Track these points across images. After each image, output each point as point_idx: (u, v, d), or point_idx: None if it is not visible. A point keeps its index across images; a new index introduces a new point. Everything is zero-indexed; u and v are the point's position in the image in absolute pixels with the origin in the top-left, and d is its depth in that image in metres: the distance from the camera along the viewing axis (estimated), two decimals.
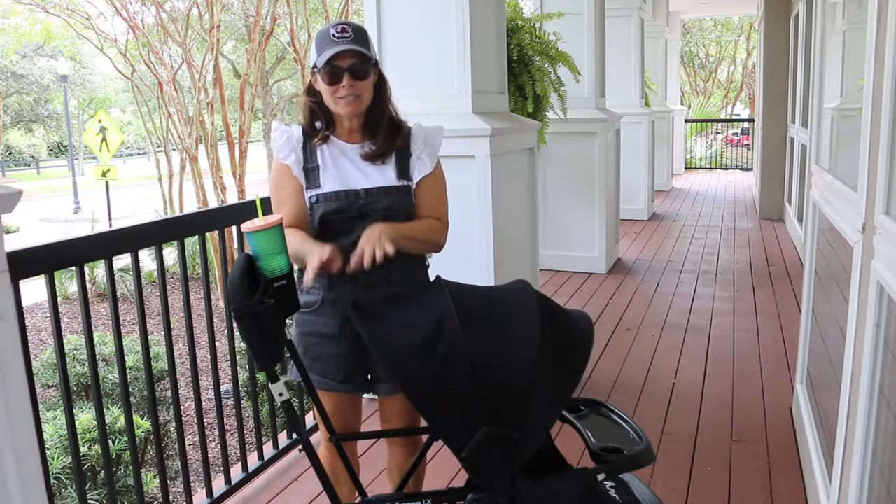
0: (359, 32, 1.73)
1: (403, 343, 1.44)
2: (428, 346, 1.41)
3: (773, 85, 8.08)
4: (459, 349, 1.39)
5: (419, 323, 1.46)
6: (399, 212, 1.78)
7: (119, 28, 12.23)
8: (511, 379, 1.40)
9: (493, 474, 1.40)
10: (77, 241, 2.05)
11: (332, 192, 1.76)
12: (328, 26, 1.75)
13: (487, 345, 1.41)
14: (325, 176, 1.78)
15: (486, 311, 1.48)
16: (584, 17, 5.55)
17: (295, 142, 1.80)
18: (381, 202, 1.77)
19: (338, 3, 11.41)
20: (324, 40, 1.72)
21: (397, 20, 3.08)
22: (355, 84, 1.72)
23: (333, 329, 1.80)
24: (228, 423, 4.98)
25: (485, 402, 1.38)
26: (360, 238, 1.69)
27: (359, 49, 1.70)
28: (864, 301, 1.71)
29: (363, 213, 1.76)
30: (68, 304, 9.48)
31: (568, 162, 5.75)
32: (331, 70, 1.71)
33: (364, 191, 1.77)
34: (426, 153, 1.84)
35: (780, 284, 5.35)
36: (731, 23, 22.82)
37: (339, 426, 1.88)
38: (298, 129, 1.83)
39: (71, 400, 2.04)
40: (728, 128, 18.69)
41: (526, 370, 1.40)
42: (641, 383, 3.54)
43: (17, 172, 30.63)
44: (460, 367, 1.38)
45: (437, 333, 1.42)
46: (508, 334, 1.44)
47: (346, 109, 1.75)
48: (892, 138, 1.54)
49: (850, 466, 1.73)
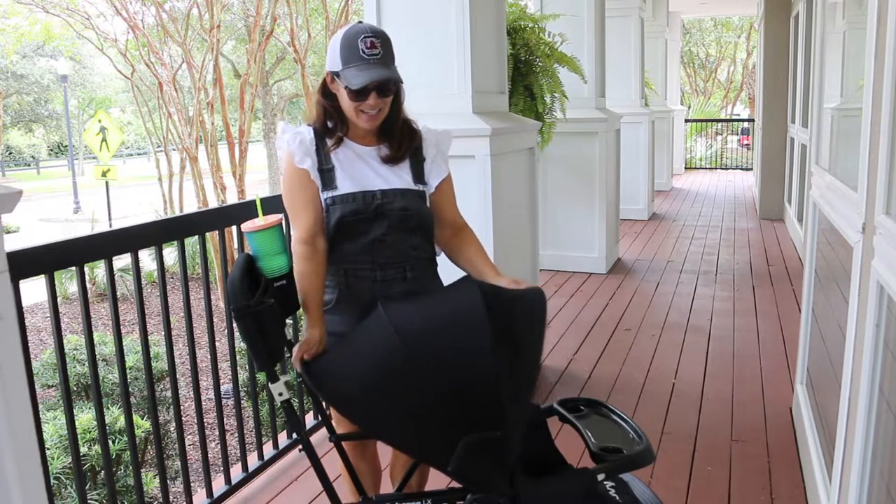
0: (386, 46, 1.71)
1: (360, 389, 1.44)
2: (385, 381, 1.41)
3: (773, 85, 8.08)
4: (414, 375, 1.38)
5: (369, 362, 1.46)
6: (414, 213, 1.79)
7: (119, 28, 12.22)
8: (471, 384, 1.39)
9: (487, 477, 1.40)
10: (77, 241, 2.05)
11: (348, 193, 1.76)
12: (355, 33, 1.70)
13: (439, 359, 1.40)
14: (341, 177, 1.77)
15: (428, 327, 1.46)
16: (584, 18, 5.55)
17: (308, 144, 1.79)
18: (397, 203, 1.77)
19: (338, 4, 11.40)
20: (351, 52, 1.69)
21: (397, 20, 3.08)
22: (378, 101, 1.72)
23: (348, 327, 1.80)
24: (228, 423, 4.98)
25: (455, 415, 1.37)
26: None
27: (387, 71, 1.69)
28: (864, 301, 1.71)
29: (380, 212, 1.76)
30: (68, 304, 9.47)
31: (568, 162, 5.75)
32: (358, 90, 1.69)
33: (381, 192, 1.77)
34: (440, 157, 1.86)
35: (780, 284, 5.35)
36: (731, 23, 22.82)
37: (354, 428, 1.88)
38: (310, 131, 1.81)
39: (71, 400, 2.04)
40: (728, 128, 18.66)
41: (483, 371, 1.38)
42: (641, 383, 3.54)
43: (17, 172, 30.64)
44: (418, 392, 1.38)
45: (388, 366, 1.41)
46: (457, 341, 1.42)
47: (367, 124, 1.76)
48: (892, 138, 1.54)
49: (850, 466, 1.73)
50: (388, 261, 1.78)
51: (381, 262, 1.77)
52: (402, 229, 1.78)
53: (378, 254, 1.77)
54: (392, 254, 1.78)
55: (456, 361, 1.40)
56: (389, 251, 1.77)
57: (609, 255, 5.88)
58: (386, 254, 1.77)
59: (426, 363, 1.38)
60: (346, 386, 1.47)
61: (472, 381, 1.39)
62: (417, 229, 1.81)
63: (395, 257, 1.78)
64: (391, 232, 1.77)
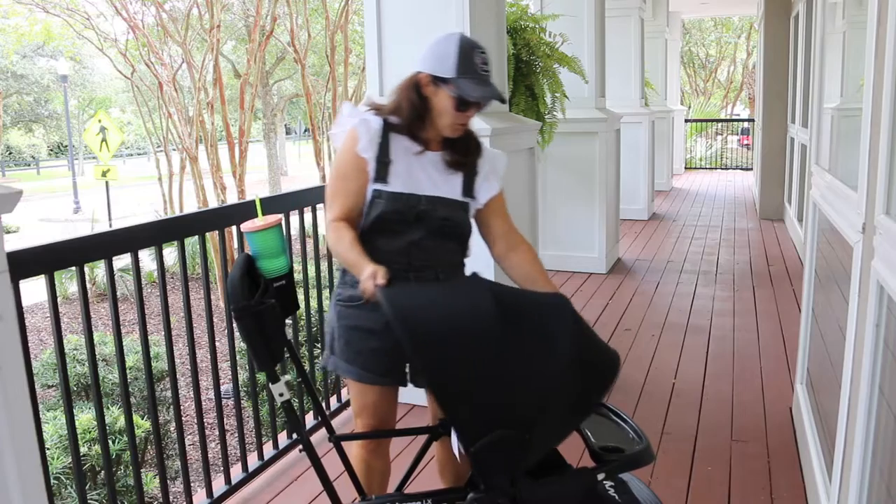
0: (489, 62, 1.78)
1: (439, 330, 1.41)
2: (466, 338, 1.39)
3: (773, 85, 8.08)
4: (495, 345, 1.38)
5: (460, 312, 1.44)
6: (454, 224, 1.80)
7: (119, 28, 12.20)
8: (539, 387, 1.39)
9: (498, 473, 1.40)
10: (77, 241, 2.05)
11: (397, 192, 1.76)
12: (470, 46, 1.74)
13: (523, 348, 1.40)
14: (395, 173, 1.78)
15: (522, 314, 1.46)
16: (584, 18, 5.55)
17: (374, 134, 1.79)
18: (439, 212, 1.78)
19: (338, 4, 11.40)
20: (468, 64, 1.72)
21: (397, 20, 3.08)
22: (474, 115, 1.78)
23: (377, 324, 1.80)
24: (228, 423, 4.98)
25: (507, 402, 1.37)
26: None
27: (494, 90, 1.74)
28: (864, 301, 1.71)
29: (420, 218, 1.77)
30: (68, 304, 9.48)
31: (568, 162, 5.75)
32: (465, 101, 1.73)
33: (426, 197, 1.77)
34: (493, 175, 1.88)
35: (780, 284, 5.35)
36: (731, 23, 22.81)
37: (375, 419, 1.90)
38: (378, 121, 1.81)
39: (71, 400, 2.04)
40: (728, 128, 18.67)
41: (554, 381, 1.40)
42: (641, 383, 3.54)
43: (17, 172, 30.63)
44: (494, 364, 1.37)
45: (474, 325, 1.40)
46: (544, 342, 1.43)
47: (455, 133, 1.79)
48: (892, 138, 1.54)
49: (850, 466, 1.73)
50: (424, 264, 1.79)
51: (417, 265, 1.78)
52: (440, 236, 1.79)
53: (414, 257, 1.78)
54: (427, 257, 1.79)
55: (534, 358, 1.40)
56: (425, 255, 1.79)
57: (609, 255, 5.88)
58: (422, 257, 1.78)
59: (510, 341, 1.39)
60: (428, 323, 1.43)
61: (538, 383, 1.39)
62: (455, 237, 1.83)
63: (430, 261, 1.80)
64: (429, 237, 1.78)
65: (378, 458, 1.96)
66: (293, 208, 2.81)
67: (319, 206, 3.02)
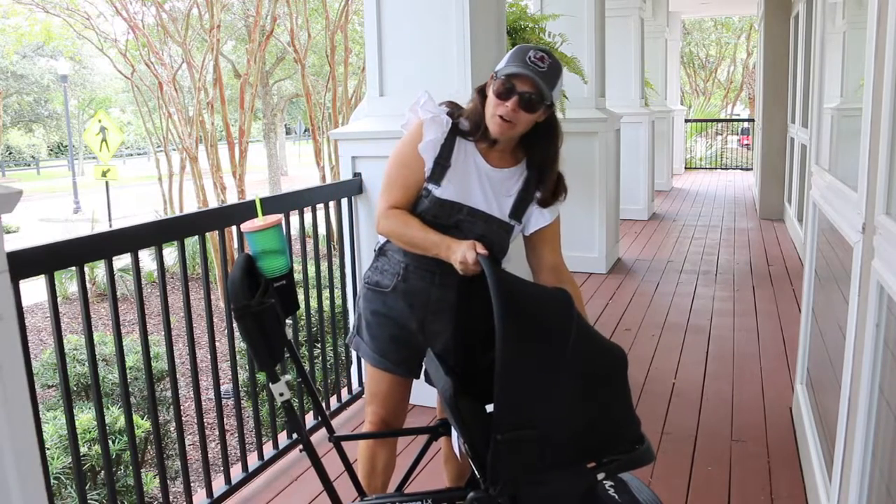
0: (553, 70, 1.68)
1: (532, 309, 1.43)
2: (548, 327, 1.42)
3: (773, 85, 8.08)
4: (565, 347, 1.39)
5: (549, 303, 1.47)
6: (490, 243, 1.74)
7: (119, 28, 12.21)
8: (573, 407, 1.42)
9: (503, 472, 1.40)
10: (77, 241, 2.05)
11: (443, 198, 1.75)
12: (529, 47, 1.70)
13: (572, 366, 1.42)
14: (449, 178, 1.76)
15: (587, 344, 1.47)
16: (584, 18, 5.55)
17: (440, 135, 1.77)
18: (478, 227, 1.76)
19: (338, 4, 11.40)
20: (518, 56, 1.68)
21: (397, 20, 3.08)
22: (518, 111, 1.68)
23: (399, 314, 1.81)
24: (228, 423, 4.98)
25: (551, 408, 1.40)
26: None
27: (540, 83, 1.65)
28: (864, 301, 1.71)
29: (458, 226, 1.75)
30: (68, 304, 9.48)
31: (568, 162, 5.64)
32: (507, 85, 1.67)
33: (469, 209, 1.75)
34: (549, 208, 1.82)
35: (780, 284, 5.35)
36: (731, 23, 22.81)
37: (385, 408, 1.92)
38: (448, 122, 1.78)
39: (71, 400, 2.04)
40: (728, 128, 18.67)
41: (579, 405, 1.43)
42: (641, 383, 3.54)
43: (17, 172, 30.63)
44: (556, 369, 1.39)
45: (558, 320, 1.42)
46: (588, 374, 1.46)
47: (495, 129, 1.71)
48: (892, 138, 1.54)
49: (850, 466, 1.73)
50: (453, 270, 1.75)
51: (445, 268, 1.74)
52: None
53: (444, 263, 1.74)
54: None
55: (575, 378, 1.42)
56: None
57: (609, 255, 5.88)
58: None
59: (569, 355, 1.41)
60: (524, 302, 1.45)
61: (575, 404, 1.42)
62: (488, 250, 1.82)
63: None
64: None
65: (384, 449, 1.97)
66: (293, 208, 2.81)
67: (319, 206, 3.02)
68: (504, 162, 1.80)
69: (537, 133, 1.77)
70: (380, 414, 1.92)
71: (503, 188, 1.79)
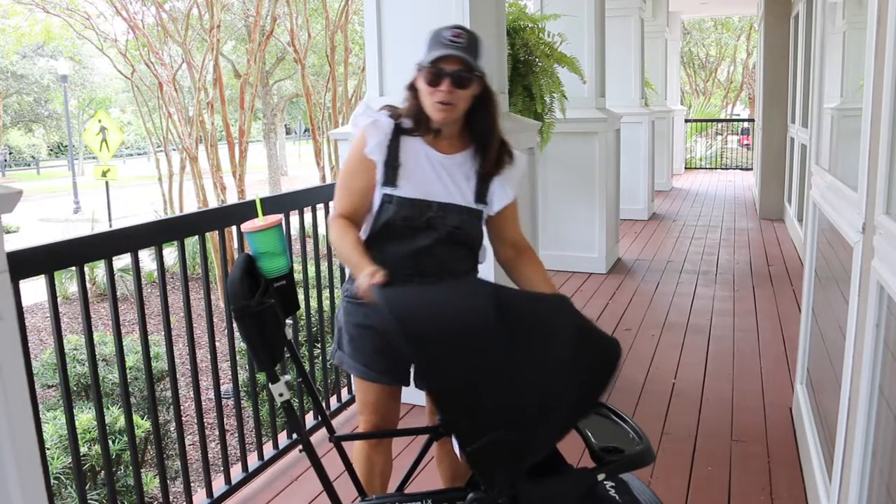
0: (472, 40, 1.71)
1: (436, 329, 1.39)
2: (465, 338, 1.37)
3: (773, 85, 8.08)
4: (493, 346, 1.36)
5: (459, 311, 1.42)
6: (465, 233, 1.78)
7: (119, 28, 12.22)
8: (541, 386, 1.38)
9: (497, 475, 1.40)
10: (77, 241, 2.05)
11: (407, 197, 1.75)
12: (445, 28, 1.72)
13: (523, 347, 1.39)
14: (405, 177, 1.76)
15: (522, 313, 1.45)
16: (583, 18, 5.54)
17: (384, 136, 1.78)
18: (451, 220, 1.76)
19: (338, 4, 11.40)
20: (437, 39, 1.71)
21: (397, 20, 3.08)
22: (454, 92, 1.69)
23: (381, 323, 1.80)
24: (228, 423, 4.98)
25: (506, 402, 1.36)
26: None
27: (465, 57, 1.68)
28: (864, 301, 1.71)
29: (431, 225, 1.75)
30: (68, 304, 9.47)
31: (568, 162, 5.75)
32: (434, 71, 1.69)
33: (437, 204, 1.75)
34: (508, 182, 1.84)
35: (780, 284, 5.35)
36: (731, 23, 22.81)
37: (377, 416, 1.91)
38: (390, 123, 1.79)
39: (71, 400, 2.04)
40: (728, 128, 18.67)
41: (555, 380, 1.38)
42: (641, 383, 3.54)
43: (17, 172, 30.63)
44: (492, 365, 1.36)
45: (472, 324, 1.38)
46: (545, 341, 1.42)
47: (438, 115, 1.72)
48: (892, 138, 1.54)
49: (850, 466, 1.73)
50: (432, 270, 1.77)
51: (424, 272, 1.77)
52: (449, 243, 1.78)
53: (422, 263, 1.77)
54: (436, 264, 1.78)
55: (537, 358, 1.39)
56: (434, 262, 1.78)
57: (609, 255, 5.88)
58: (430, 263, 1.77)
59: (510, 341, 1.37)
60: (426, 323, 1.41)
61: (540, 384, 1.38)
62: (464, 245, 1.82)
63: (438, 267, 1.78)
64: (438, 245, 1.76)
65: (380, 454, 1.97)
66: (293, 208, 2.81)
67: (319, 206, 3.02)
68: (454, 147, 1.81)
69: (475, 108, 1.78)
70: (372, 421, 1.92)
71: (461, 173, 1.80)
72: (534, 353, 1.40)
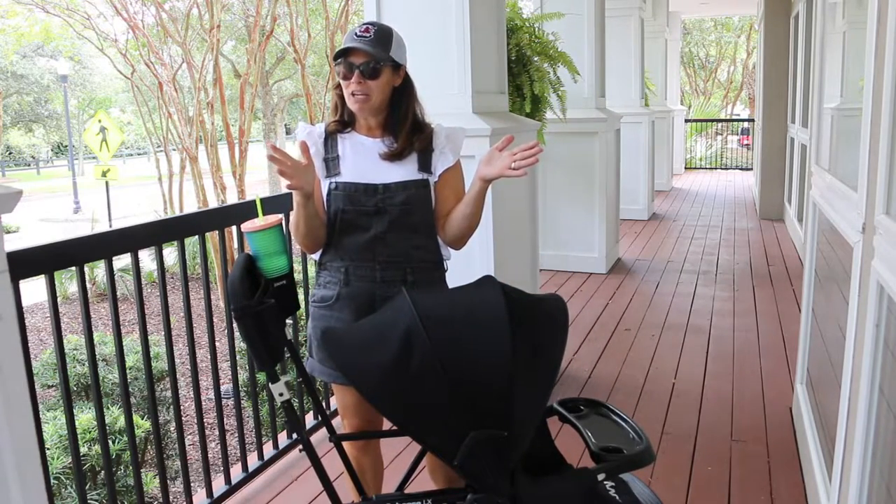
0: (380, 34, 1.77)
1: (374, 366, 1.40)
2: (399, 365, 1.38)
3: (773, 85, 8.08)
4: (431, 361, 1.36)
5: (387, 341, 1.42)
6: (416, 206, 1.81)
7: (119, 28, 12.19)
8: (487, 381, 1.38)
9: (490, 475, 1.40)
10: (77, 241, 2.05)
11: (350, 182, 1.80)
12: (358, 25, 1.80)
13: (457, 350, 1.39)
14: (345, 166, 1.82)
15: (451, 316, 1.45)
16: (583, 17, 5.54)
17: (316, 136, 1.85)
18: (398, 196, 1.79)
19: (338, 4, 11.40)
20: (348, 37, 1.78)
21: (397, 20, 3.08)
22: (364, 83, 1.75)
23: (348, 324, 1.80)
24: (228, 423, 4.98)
25: (466, 408, 1.36)
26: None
27: (369, 50, 1.73)
28: (864, 301, 1.71)
29: (380, 208, 1.78)
30: (68, 304, 9.47)
31: (568, 162, 5.75)
32: (345, 65, 1.76)
33: (382, 186, 1.79)
34: (448, 148, 1.88)
35: (780, 284, 5.35)
36: (731, 23, 22.81)
37: (358, 418, 1.91)
38: (321, 126, 1.89)
39: (71, 400, 2.04)
40: (728, 128, 18.67)
41: (500, 370, 1.38)
42: (641, 383, 3.54)
43: (17, 172, 30.64)
44: (434, 379, 1.36)
45: (406, 349, 1.38)
46: (477, 336, 1.41)
47: (354, 106, 1.79)
48: (892, 138, 1.54)
49: (850, 466, 1.73)
50: (389, 259, 1.79)
51: (382, 261, 1.79)
52: (404, 227, 1.79)
53: (379, 251, 1.78)
54: (393, 252, 1.79)
55: (473, 356, 1.39)
56: (390, 249, 1.79)
57: (609, 255, 5.88)
58: (387, 252, 1.78)
59: (443, 351, 1.37)
60: (360, 357, 1.44)
61: (486, 378, 1.38)
62: (420, 227, 1.82)
63: (396, 256, 1.79)
64: (392, 229, 1.78)
65: (367, 456, 1.97)
66: (293, 208, 2.80)
67: None
68: (381, 132, 1.87)
69: (397, 95, 1.84)
70: (354, 424, 1.92)
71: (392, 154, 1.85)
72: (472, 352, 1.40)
